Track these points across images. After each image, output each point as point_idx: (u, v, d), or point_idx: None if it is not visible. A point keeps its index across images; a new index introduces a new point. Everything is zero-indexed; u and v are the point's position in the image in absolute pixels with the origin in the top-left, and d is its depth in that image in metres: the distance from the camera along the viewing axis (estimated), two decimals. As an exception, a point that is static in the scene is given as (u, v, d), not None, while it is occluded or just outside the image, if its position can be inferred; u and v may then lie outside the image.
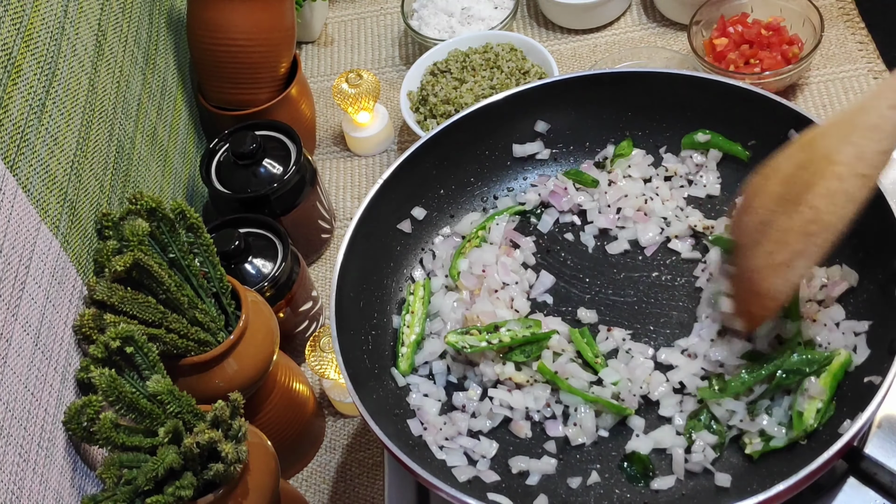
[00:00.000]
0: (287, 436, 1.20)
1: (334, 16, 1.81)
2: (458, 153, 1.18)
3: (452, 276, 1.12)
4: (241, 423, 0.94)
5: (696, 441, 0.96)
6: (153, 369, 0.95)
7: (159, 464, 0.89)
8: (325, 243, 1.48)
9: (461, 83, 1.51)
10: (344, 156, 1.60)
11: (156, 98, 1.37)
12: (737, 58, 1.44)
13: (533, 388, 1.02)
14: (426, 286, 1.12)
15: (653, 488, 0.95)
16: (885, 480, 0.93)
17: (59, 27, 1.08)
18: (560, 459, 0.99)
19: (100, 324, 0.98)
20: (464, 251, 1.14)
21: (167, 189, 1.36)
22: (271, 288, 1.22)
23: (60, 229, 1.00)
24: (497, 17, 1.64)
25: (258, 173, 1.34)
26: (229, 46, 1.42)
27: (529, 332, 1.03)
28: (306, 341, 1.29)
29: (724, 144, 1.14)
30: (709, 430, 0.96)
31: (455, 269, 1.12)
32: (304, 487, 1.26)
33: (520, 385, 1.02)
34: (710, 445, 0.95)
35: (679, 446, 0.96)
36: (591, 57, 1.62)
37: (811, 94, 1.49)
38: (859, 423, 0.84)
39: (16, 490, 0.83)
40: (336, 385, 1.26)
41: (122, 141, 1.22)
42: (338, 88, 1.51)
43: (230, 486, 0.94)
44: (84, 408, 0.91)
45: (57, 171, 1.02)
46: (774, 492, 0.83)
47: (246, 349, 1.07)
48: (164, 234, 1.04)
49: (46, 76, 1.03)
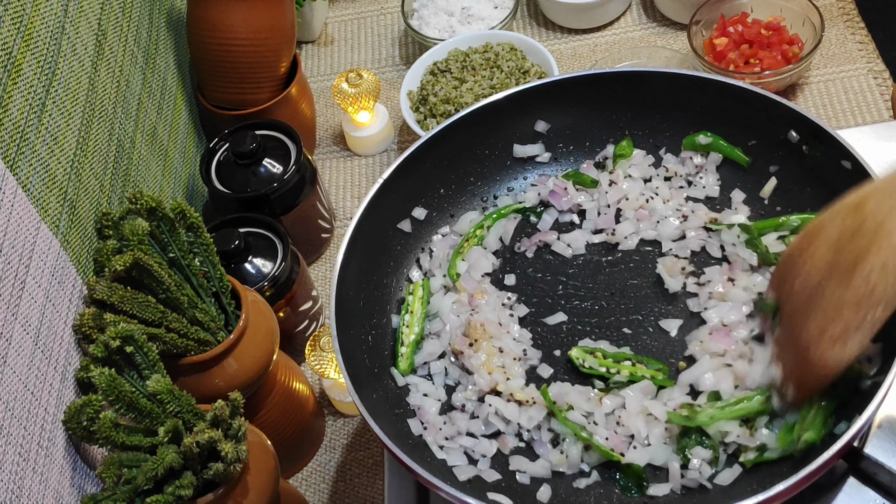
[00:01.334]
0: (287, 435, 1.20)
1: (334, 15, 1.81)
2: (458, 153, 1.18)
3: (451, 276, 1.12)
4: (240, 422, 0.94)
5: (692, 459, 0.95)
6: (153, 369, 0.95)
7: (159, 463, 0.89)
8: (325, 243, 1.48)
9: (461, 83, 1.51)
10: (344, 155, 1.60)
11: (156, 97, 1.37)
12: (737, 57, 1.44)
13: (530, 409, 1.01)
14: (425, 286, 1.12)
15: (649, 494, 0.95)
16: (885, 480, 0.93)
17: (59, 27, 1.08)
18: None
19: (100, 323, 0.98)
20: (462, 251, 1.14)
21: (167, 188, 1.36)
22: (271, 287, 1.22)
23: (60, 229, 1.00)
24: (497, 16, 1.64)
25: (258, 173, 1.34)
26: (229, 46, 1.42)
27: (649, 373, 1.02)
28: (306, 341, 1.29)
29: (724, 149, 1.14)
30: (702, 445, 0.95)
31: (454, 269, 1.12)
32: (304, 487, 1.26)
33: (519, 402, 1.02)
34: (706, 461, 0.94)
35: (675, 460, 0.95)
36: (591, 57, 1.62)
37: (811, 93, 1.49)
38: (859, 424, 0.84)
39: (16, 489, 0.83)
40: (336, 384, 1.26)
41: (122, 140, 1.22)
42: (338, 88, 1.51)
43: (230, 486, 0.94)
44: (84, 407, 0.91)
45: (57, 170, 1.02)
46: (774, 492, 0.83)
47: (246, 349, 1.07)
48: (164, 233, 1.04)
49: (46, 76, 1.03)
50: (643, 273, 1.11)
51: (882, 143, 1.19)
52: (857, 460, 0.94)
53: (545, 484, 0.97)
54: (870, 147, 1.16)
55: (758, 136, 1.12)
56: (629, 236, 1.13)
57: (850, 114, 1.46)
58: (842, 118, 1.46)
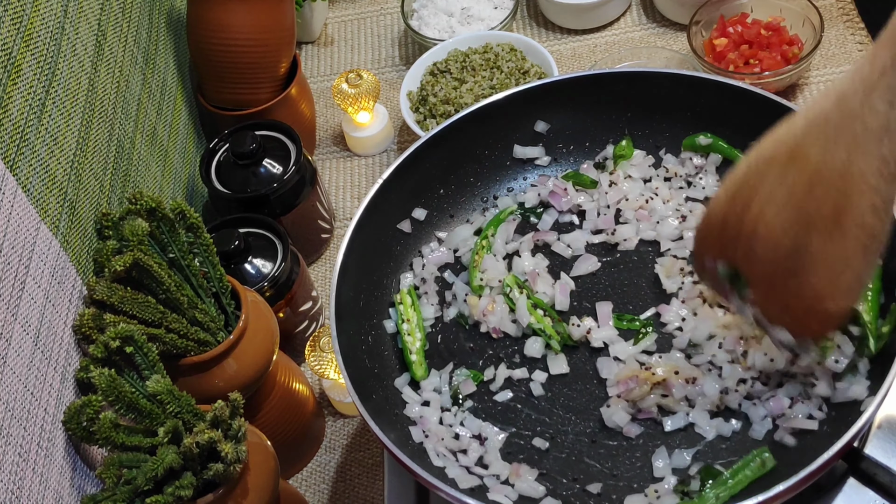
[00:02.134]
0: (287, 436, 1.20)
1: (334, 16, 1.81)
2: (458, 153, 1.18)
3: (475, 290, 1.12)
4: (240, 422, 0.94)
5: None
6: (153, 369, 0.95)
7: (159, 464, 0.89)
8: (324, 243, 1.48)
9: (461, 83, 1.51)
10: (344, 156, 1.60)
11: (155, 98, 1.37)
12: (736, 58, 1.44)
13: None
14: (411, 293, 1.12)
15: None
16: (885, 481, 0.93)
17: (58, 27, 1.08)
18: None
19: (99, 323, 0.98)
20: (476, 264, 1.13)
21: (167, 189, 1.36)
22: (271, 288, 1.22)
23: (60, 229, 1.00)
24: (497, 17, 1.64)
25: (258, 173, 1.34)
26: (229, 46, 1.42)
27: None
28: (306, 341, 1.29)
29: (724, 150, 1.14)
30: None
31: (475, 281, 1.12)
32: (304, 487, 1.26)
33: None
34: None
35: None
36: (590, 57, 1.62)
37: (811, 94, 1.49)
38: (859, 424, 0.84)
39: (15, 490, 0.83)
40: (336, 385, 1.26)
41: (122, 141, 1.22)
42: (338, 88, 1.51)
43: (230, 486, 0.94)
44: (84, 407, 0.91)
45: (57, 170, 1.02)
46: (774, 492, 0.83)
47: (246, 349, 1.07)
48: (164, 233, 1.04)
49: (46, 76, 1.03)
50: (642, 273, 1.11)
51: (882, 143, 1.19)
52: (857, 461, 0.94)
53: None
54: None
55: (758, 136, 1.12)
56: (629, 237, 1.13)
57: (850, 114, 1.46)
58: (842, 118, 1.46)
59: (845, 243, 0.84)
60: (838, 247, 0.85)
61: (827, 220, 0.84)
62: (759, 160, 0.88)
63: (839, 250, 0.85)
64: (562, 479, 0.97)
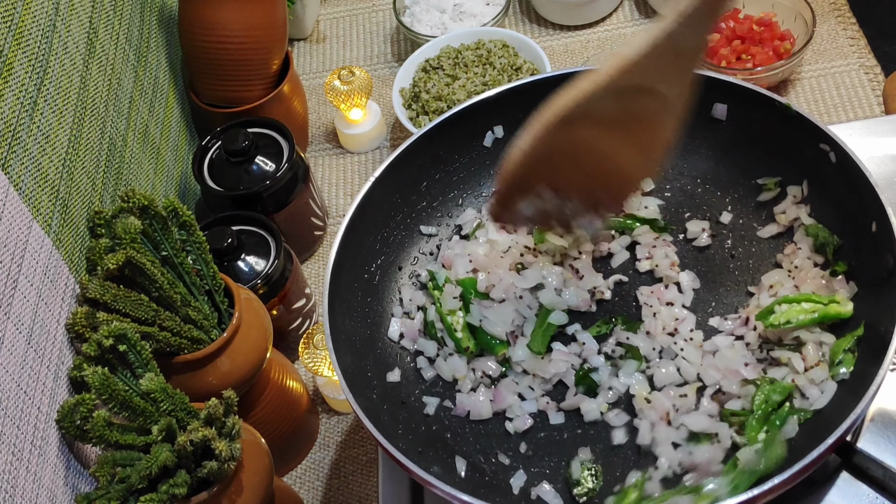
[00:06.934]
0: (281, 433, 1.20)
1: (326, 13, 1.81)
2: (451, 150, 1.18)
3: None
4: (234, 420, 0.94)
5: None
6: (146, 367, 0.95)
7: (153, 462, 0.89)
8: (317, 240, 1.48)
9: (453, 80, 1.51)
10: (336, 153, 1.60)
11: (147, 96, 1.37)
12: (728, 53, 1.45)
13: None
14: (432, 275, 1.11)
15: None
16: (878, 475, 0.93)
17: (50, 25, 1.08)
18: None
19: (92, 322, 0.98)
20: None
21: (159, 187, 1.36)
22: (264, 285, 1.22)
23: (52, 227, 1.00)
24: (489, 13, 1.64)
25: (250, 170, 1.34)
26: (221, 43, 1.42)
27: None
28: (300, 339, 1.29)
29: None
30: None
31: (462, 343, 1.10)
32: (298, 484, 1.26)
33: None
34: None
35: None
36: (583, 53, 1.63)
37: (803, 89, 1.49)
38: (852, 418, 0.85)
39: (9, 489, 0.82)
40: (329, 382, 1.26)
41: (114, 139, 1.22)
42: (330, 85, 1.51)
43: (224, 484, 0.94)
44: (77, 406, 0.91)
45: (49, 169, 1.02)
46: (767, 486, 0.83)
47: (239, 347, 1.07)
48: (157, 231, 1.04)
49: (38, 74, 1.03)
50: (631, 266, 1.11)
51: (873, 137, 1.20)
52: (850, 455, 0.95)
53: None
54: (861, 142, 1.16)
55: (750, 132, 1.12)
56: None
57: (842, 109, 1.47)
58: (833, 113, 1.46)
59: (664, 116, 0.92)
60: (648, 133, 0.93)
61: (632, 119, 0.90)
62: (558, 109, 0.93)
63: (650, 132, 0.93)
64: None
